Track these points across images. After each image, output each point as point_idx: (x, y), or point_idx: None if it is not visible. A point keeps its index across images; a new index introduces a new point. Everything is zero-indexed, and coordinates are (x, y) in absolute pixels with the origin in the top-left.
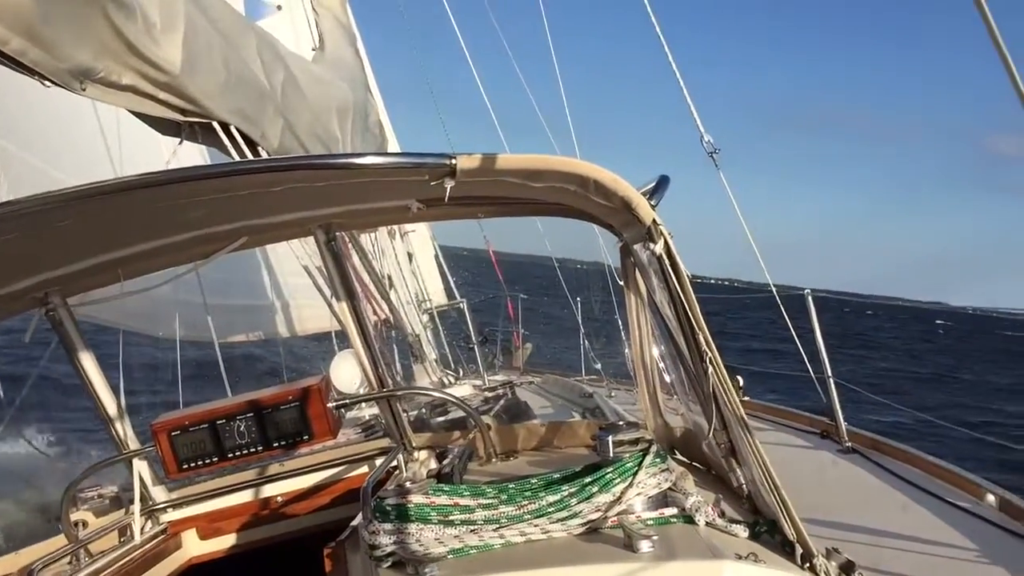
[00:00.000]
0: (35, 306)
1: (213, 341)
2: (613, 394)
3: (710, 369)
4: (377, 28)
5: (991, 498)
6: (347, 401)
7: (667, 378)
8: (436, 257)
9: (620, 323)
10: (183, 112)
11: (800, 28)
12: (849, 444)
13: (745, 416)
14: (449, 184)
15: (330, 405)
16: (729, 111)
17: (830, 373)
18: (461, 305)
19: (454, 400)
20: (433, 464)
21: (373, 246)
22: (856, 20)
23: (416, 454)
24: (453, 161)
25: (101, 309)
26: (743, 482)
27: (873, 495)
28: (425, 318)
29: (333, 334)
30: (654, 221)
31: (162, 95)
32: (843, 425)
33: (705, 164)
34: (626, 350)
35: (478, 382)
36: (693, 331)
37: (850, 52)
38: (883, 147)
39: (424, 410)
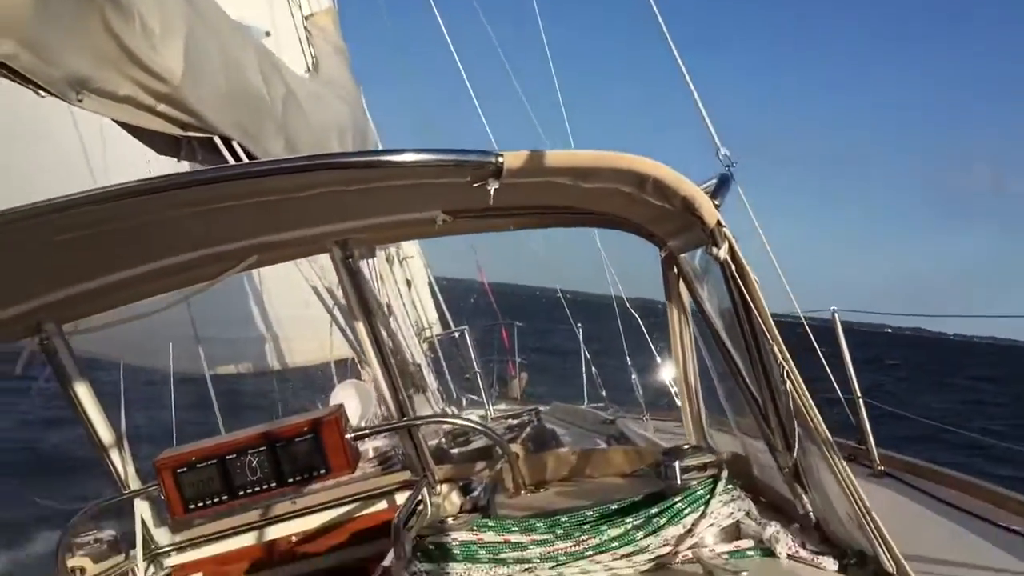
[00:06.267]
0: (28, 335)
1: (204, 374)
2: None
3: (787, 383)
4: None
5: None
6: (366, 432)
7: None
8: (430, 285)
9: (626, 351)
10: (183, 126)
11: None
12: (882, 468)
13: (828, 433)
14: (493, 186)
15: (348, 437)
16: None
17: (859, 393)
18: (461, 333)
19: (483, 428)
20: (455, 499)
21: (371, 273)
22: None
23: (439, 487)
24: (500, 159)
25: (96, 340)
26: (810, 509)
27: (915, 521)
28: (425, 347)
29: (332, 365)
30: (718, 222)
31: (161, 107)
32: (874, 448)
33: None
34: (633, 377)
35: (481, 412)
36: (759, 343)
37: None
38: (838, 181)
39: (442, 440)
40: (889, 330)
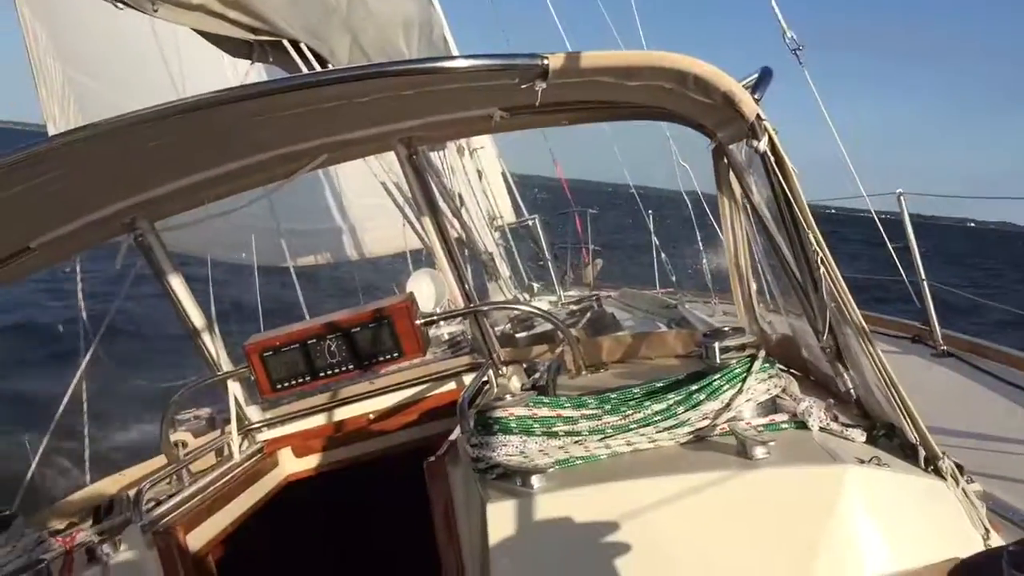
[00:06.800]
0: (123, 232)
1: (288, 265)
2: (687, 306)
3: (822, 269)
4: None
5: None
6: (435, 318)
7: (762, 284)
8: (504, 175)
9: (699, 236)
10: (253, 31)
11: None
12: (944, 348)
13: (860, 316)
14: (540, 86)
15: (418, 323)
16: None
17: (923, 276)
18: (532, 221)
19: (542, 313)
20: (517, 380)
21: (442, 164)
22: None
23: (504, 369)
24: (545, 61)
25: (184, 236)
26: (851, 386)
27: (973, 399)
28: (497, 235)
29: (408, 254)
30: (758, 116)
31: (232, 14)
32: (938, 328)
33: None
34: (703, 262)
35: (552, 298)
36: (799, 231)
37: None
38: (919, 68)
39: (508, 326)
40: (972, 224)
